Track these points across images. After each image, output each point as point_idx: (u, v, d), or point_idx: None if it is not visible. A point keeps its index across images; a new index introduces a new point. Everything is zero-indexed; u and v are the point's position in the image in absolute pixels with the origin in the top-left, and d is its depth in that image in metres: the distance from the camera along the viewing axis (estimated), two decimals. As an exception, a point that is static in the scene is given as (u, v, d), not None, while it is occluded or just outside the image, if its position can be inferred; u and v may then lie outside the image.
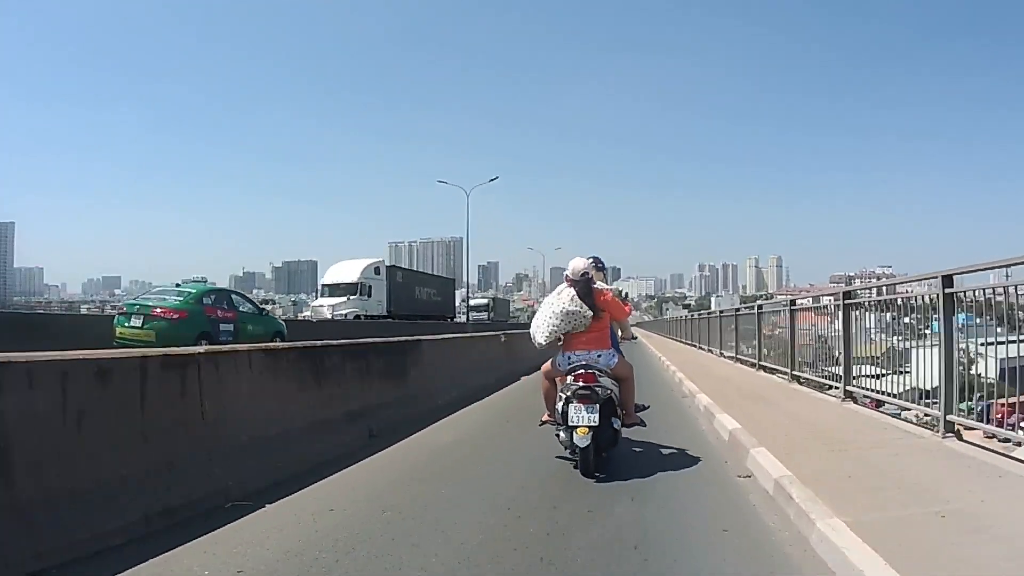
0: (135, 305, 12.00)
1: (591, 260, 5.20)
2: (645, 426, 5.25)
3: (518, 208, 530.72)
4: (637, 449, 5.40)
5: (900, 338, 6.53)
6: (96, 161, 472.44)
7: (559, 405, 4.65)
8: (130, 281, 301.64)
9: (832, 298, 8.22)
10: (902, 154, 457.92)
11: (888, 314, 6.93)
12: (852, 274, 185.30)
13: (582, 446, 4.36)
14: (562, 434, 4.66)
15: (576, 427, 4.39)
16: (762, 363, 11.74)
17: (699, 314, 28.45)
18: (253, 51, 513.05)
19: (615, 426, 4.67)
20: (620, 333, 5.57)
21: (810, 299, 10.18)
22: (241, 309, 13.35)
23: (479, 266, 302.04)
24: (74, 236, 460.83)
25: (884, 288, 7.40)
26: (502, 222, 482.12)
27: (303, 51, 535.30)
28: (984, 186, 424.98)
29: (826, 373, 8.76)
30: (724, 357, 16.14)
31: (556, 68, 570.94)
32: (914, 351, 6.18)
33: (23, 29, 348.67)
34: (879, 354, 6.84)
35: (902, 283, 6.59)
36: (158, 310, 11.52)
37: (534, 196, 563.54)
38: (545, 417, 5.11)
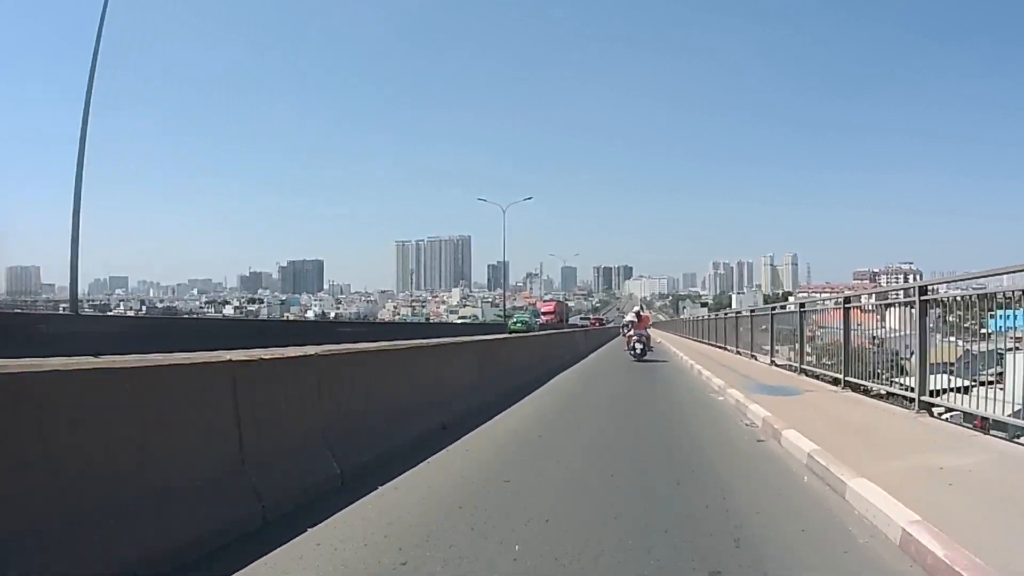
0: (517, 321, 47.84)
1: (638, 308, 18.23)
2: (653, 351, 18.31)
3: (529, 206, 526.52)
4: (650, 358, 16.86)
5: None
6: (96, 159, 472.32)
7: (631, 344, 16.86)
8: (138, 281, 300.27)
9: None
10: (913, 153, 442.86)
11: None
12: (876, 270, 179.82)
13: (638, 352, 16.57)
14: (631, 353, 16.72)
15: (636, 348, 16.63)
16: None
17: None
18: (262, 46, 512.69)
19: (646, 348, 17.00)
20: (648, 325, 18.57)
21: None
22: (532, 318, 53.27)
23: (488, 265, 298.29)
24: (65, 234, 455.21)
25: None
26: (512, 221, 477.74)
27: (312, 47, 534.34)
28: (996, 185, 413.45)
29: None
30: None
31: (566, 66, 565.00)
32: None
33: (27, 22, 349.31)
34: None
35: None
36: (526, 320, 48.48)
37: (545, 194, 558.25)
38: (625, 347, 17.41)
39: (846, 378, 8.74)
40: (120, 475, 2.77)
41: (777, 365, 12.99)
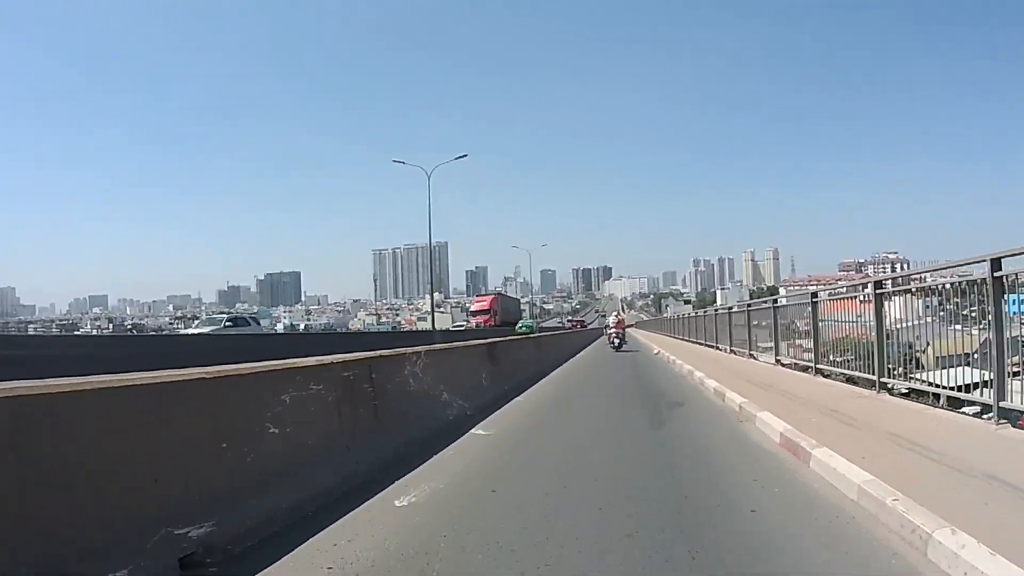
0: (523, 326, 45.39)
1: (617, 313, 27.01)
2: (627, 344, 23.64)
3: (506, 207, 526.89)
4: (625, 349, 22.46)
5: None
6: (72, 177, 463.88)
7: (611, 340, 22.99)
8: (118, 299, 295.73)
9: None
10: (897, 140, 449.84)
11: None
12: (862, 261, 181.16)
13: (615, 346, 22.36)
14: (611, 346, 22.64)
15: (614, 342, 22.57)
16: None
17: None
18: (234, 60, 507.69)
19: (622, 343, 22.84)
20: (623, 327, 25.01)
21: None
22: (532, 322, 55.91)
23: (467, 271, 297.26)
24: (49, 254, 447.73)
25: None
26: (490, 224, 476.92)
27: (284, 55, 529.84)
28: (983, 170, 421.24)
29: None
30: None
31: (542, 64, 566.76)
32: None
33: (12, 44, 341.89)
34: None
35: None
36: (530, 325, 47.57)
37: (522, 194, 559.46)
38: (607, 342, 24.08)
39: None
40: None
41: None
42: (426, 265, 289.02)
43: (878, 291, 7.52)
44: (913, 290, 7.61)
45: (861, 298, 9.04)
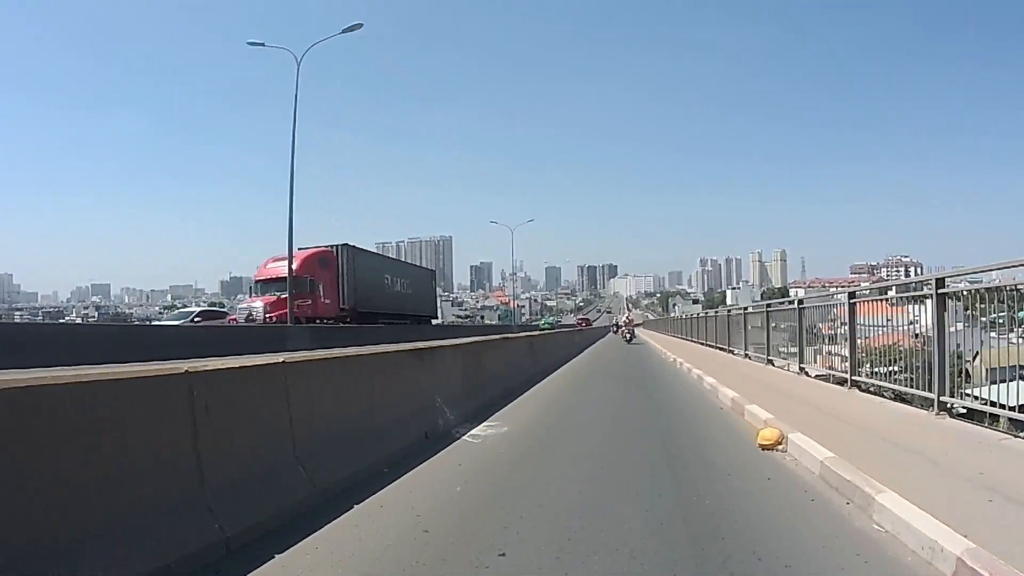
0: (548, 323, 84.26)
1: (626, 315, 41.49)
2: (637, 338, 33.09)
3: (513, 205, 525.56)
4: (634, 343, 30.09)
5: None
6: (80, 166, 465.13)
7: (621, 334, 32.68)
8: (121, 288, 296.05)
9: None
10: (907, 146, 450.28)
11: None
12: (875, 263, 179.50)
13: (628, 339, 30.78)
14: (624, 339, 31.06)
15: (626, 336, 31.39)
16: None
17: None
18: (243, 50, 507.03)
19: (632, 337, 31.62)
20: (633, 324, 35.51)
21: None
22: (554, 319, 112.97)
23: (471, 267, 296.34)
24: (56, 243, 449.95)
25: None
26: (496, 220, 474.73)
27: (292, 45, 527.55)
28: (995, 177, 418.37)
29: None
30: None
31: (553, 63, 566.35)
32: None
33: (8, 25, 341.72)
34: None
35: None
36: (551, 322, 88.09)
37: (531, 193, 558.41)
38: (619, 336, 34.11)
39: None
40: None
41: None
42: (431, 259, 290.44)
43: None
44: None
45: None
